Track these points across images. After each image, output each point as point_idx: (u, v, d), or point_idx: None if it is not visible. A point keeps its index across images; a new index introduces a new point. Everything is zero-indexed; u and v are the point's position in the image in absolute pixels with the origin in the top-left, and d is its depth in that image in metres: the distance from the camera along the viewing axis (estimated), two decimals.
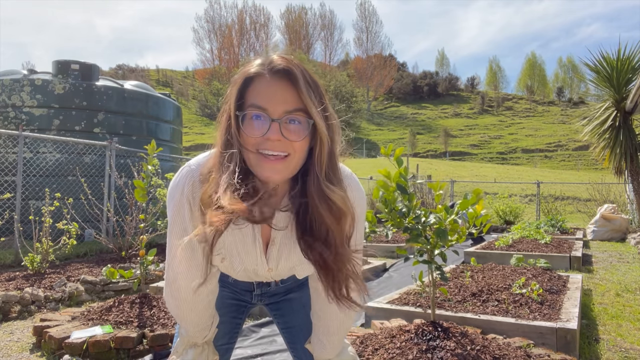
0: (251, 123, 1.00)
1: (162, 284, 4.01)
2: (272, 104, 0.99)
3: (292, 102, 0.99)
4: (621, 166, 7.45)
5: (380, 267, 5.69)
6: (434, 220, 2.35)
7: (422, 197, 11.40)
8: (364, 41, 77.85)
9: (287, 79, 1.00)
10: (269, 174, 1.01)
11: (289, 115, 0.99)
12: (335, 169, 1.10)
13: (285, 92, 1.00)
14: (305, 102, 0.99)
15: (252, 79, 1.02)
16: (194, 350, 1.30)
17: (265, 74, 1.01)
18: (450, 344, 2.24)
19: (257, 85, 1.01)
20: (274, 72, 1.00)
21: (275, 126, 0.98)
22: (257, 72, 1.01)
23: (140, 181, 3.10)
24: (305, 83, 1.00)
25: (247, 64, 1.06)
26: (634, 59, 7.35)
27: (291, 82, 1.00)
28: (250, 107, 1.00)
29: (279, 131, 0.98)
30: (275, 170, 1.00)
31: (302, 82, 0.99)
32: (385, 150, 2.29)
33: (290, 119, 1.00)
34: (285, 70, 1.00)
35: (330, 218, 1.07)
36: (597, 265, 6.05)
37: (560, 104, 74.08)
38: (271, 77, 1.00)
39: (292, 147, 1.00)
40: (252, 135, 1.00)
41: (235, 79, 1.06)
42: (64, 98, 7.46)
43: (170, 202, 1.14)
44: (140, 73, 71.15)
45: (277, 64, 1.01)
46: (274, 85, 1.00)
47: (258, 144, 1.00)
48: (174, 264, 1.17)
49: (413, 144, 56.57)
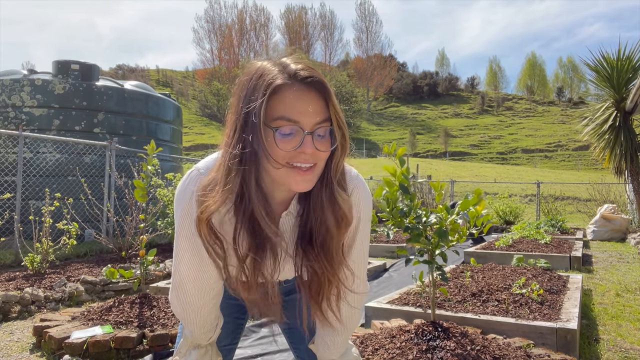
0: (283, 136, 0.97)
1: (162, 284, 4.01)
2: (304, 117, 0.97)
3: (321, 113, 0.99)
4: (621, 166, 7.45)
5: (380, 267, 5.69)
6: (435, 220, 2.35)
7: (422, 197, 11.41)
8: (363, 41, 77.89)
9: (314, 89, 0.98)
10: (303, 184, 1.01)
11: (319, 127, 0.99)
12: (343, 173, 1.11)
13: (315, 103, 0.98)
14: (334, 112, 0.99)
15: (279, 89, 0.97)
16: (197, 352, 1.30)
17: (293, 85, 0.97)
18: (450, 344, 2.24)
19: (285, 96, 0.97)
20: (302, 82, 0.98)
21: (308, 139, 0.97)
22: (284, 82, 0.97)
23: (140, 181, 3.10)
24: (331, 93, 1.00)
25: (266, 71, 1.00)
26: (634, 59, 7.35)
27: (319, 92, 0.99)
28: (279, 120, 0.97)
29: (312, 144, 0.97)
30: (307, 180, 1.01)
31: (329, 92, 0.99)
32: (388, 149, 2.29)
33: (320, 130, 0.99)
34: (312, 81, 0.98)
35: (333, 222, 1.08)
36: (597, 265, 6.05)
37: (560, 104, 74.10)
38: (300, 87, 0.98)
39: (319, 157, 1.01)
40: (285, 149, 0.97)
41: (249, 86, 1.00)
42: (64, 98, 7.46)
43: (178, 206, 1.13)
44: (140, 73, 71.15)
45: (303, 74, 0.98)
46: (304, 96, 0.97)
47: (290, 157, 0.98)
48: (181, 267, 1.17)
49: (413, 144, 56.57)
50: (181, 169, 9.22)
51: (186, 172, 1.16)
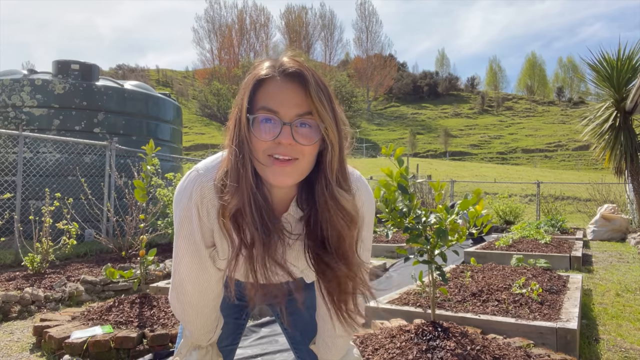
0: (262, 126, 0.99)
1: (162, 284, 4.01)
2: (283, 107, 0.97)
3: (303, 105, 0.98)
4: (621, 166, 7.45)
5: (380, 267, 5.69)
6: (435, 220, 2.35)
7: (422, 197, 11.41)
8: (363, 41, 77.85)
9: (298, 81, 0.98)
10: (280, 177, 0.99)
11: (300, 119, 0.98)
12: (345, 174, 1.09)
13: (297, 95, 0.98)
14: (316, 105, 0.97)
15: (263, 82, 1.00)
16: (197, 352, 1.30)
17: (277, 77, 0.99)
18: (450, 344, 2.24)
19: (268, 88, 1.00)
20: (285, 74, 0.99)
21: (286, 130, 0.97)
22: (268, 74, 0.99)
23: (140, 181, 3.10)
24: (317, 86, 0.99)
25: (256, 66, 1.04)
26: (634, 59, 7.35)
27: (302, 85, 0.98)
28: (260, 110, 0.99)
29: (291, 135, 0.97)
30: (285, 172, 0.99)
31: (313, 85, 0.98)
32: (386, 150, 2.29)
33: (302, 123, 0.98)
34: (296, 73, 0.98)
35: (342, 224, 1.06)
36: (597, 265, 6.05)
37: (560, 104, 74.07)
38: (282, 79, 0.99)
39: (302, 151, 0.99)
40: (263, 138, 0.98)
41: (245, 81, 1.04)
42: (64, 98, 7.46)
43: (177, 206, 1.13)
44: (140, 73, 71.13)
45: (288, 66, 0.99)
46: (285, 88, 0.98)
47: (269, 148, 0.99)
48: (180, 268, 1.17)
49: (413, 144, 56.54)
50: (181, 169, 9.22)
51: (186, 173, 1.16)
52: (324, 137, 1.01)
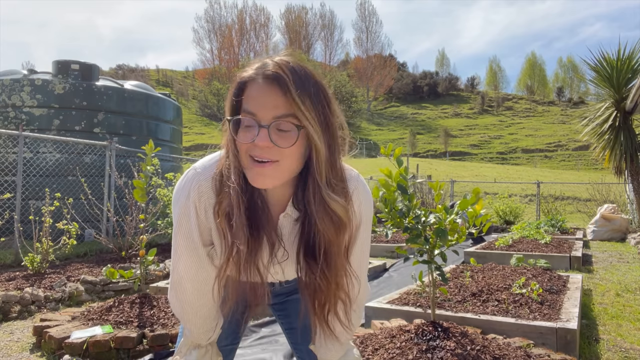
0: (242, 128, 1.00)
1: (162, 284, 4.01)
2: (261, 110, 0.98)
3: (282, 107, 0.97)
4: (621, 166, 7.44)
5: (380, 267, 5.69)
6: (434, 220, 2.35)
7: (422, 197, 11.41)
8: (363, 41, 77.86)
9: (277, 83, 0.98)
10: (258, 177, 1.00)
11: (278, 121, 0.97)
12: (338, 176, 1.08)
13: (276, 98, 0.97)
14: (294, 107, 0.97)
15: (246, 84, 1.01)
16: (197, 351, 1.30)
17: (257, 79, 0.99)
18: (450, 344, 2.24)
19: (250, 90, 1.00)
20: (265, 76, 0.99)
21: (263, 132, 0.97)
22: (250, 76, 1.00)
23: (139, 181, 3.10)
24: (298, 87, 0.97)
25: (245, 67, 1.06)
26: (634, 59, 7.35)
27: (281, 87, 0.97)
28: (242, 112, 1.00)
29: (268, 137, 0.97)
30: (263, 174, 1.00)
31: (292, 87, 0.97)
32: (385, 150, 2.29)
33: (279, 125, 0.98)
34: (275, 75, 0.98)
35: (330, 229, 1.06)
36: (597, 265, 6.05)
37: (560, 104, 74.07)
38: (262, 81, 0.99)
39: (281, 153, 0.99)
40: (242, 140, 1.00)
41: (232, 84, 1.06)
42: (64, 98, 7.46)
43: (176, 205, 1.14)
44: (140, 73, 71.13)
45: (268, 68, 0.99)
46: (264, 90, 0.98)
47: (249, 149, 1.00)
48: (179, 266, 1.18)
49: (413, 144, 56.55)
50: (181, 169, 9.22)
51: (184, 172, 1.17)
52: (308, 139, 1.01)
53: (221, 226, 1.07)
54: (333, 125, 1.04)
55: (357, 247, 1.21)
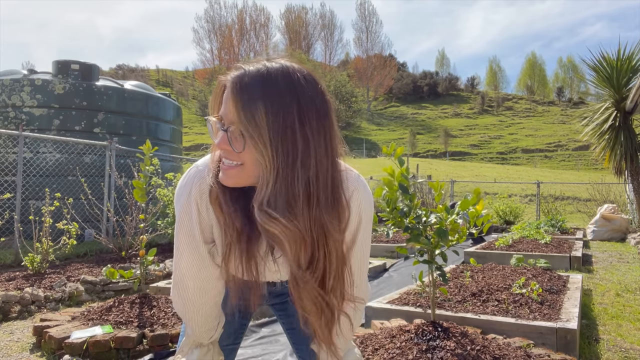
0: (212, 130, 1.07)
1: (162, 284, 4.01)
2: (224, 113, 1.02)
3: (231, 115, 1.01)
4: (621, 166, 7.45)
5: (380, 267, 5.69)
6: (435, 220, 2.35)
7: (422, 197, 11.41)
8: (363, 41, 77.81)
9: (231, 92, 1.01)
10: (223, 178, 1.05)
11: (232, 127, 1.00)
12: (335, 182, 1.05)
13: (230, 103, 1.01)
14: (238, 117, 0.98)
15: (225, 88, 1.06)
16: (199, 350, 1.30)
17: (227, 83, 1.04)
18: (450, 344, 2.24)
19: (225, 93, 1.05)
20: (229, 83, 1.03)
21: (222, 135, 1.01)
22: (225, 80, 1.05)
23: (139, 181, 3.10)
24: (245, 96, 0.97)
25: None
26: (634, 59, 7.36)
27: (233, 96, 1.00)
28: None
29: (227, 140, 1.00)
30: (227, 175, 1.04)
31: (237, 95, 0.98)
32: (386, 149, 2.29)
33: (232, 131, 1.00)
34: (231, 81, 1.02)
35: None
36: (597, 265, 6.05)
37: (560, 104, 74.07)
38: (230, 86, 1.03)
39: (240, 157, 1.01)
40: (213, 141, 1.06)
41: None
42: (64, 98, 7.46)
43: (178, 203, 1.15)
44: (140, 73, 71.12)
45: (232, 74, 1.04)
46: (227, 95, 1.02)
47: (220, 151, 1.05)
48: (181, 263, 1.18)
49: (413, 144, 56.54)
50: (181, 168, 9.22)
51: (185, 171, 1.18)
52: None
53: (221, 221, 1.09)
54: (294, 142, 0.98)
55: (358, 247, 1.21)
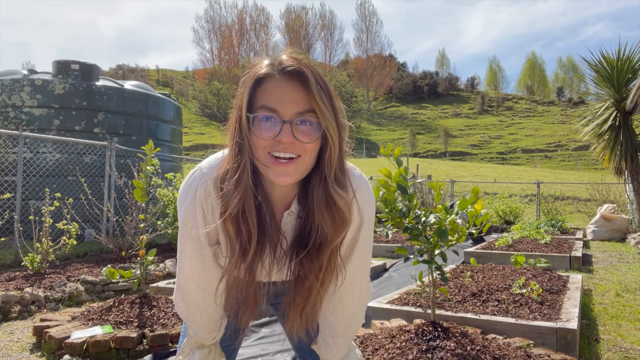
0: (262, 125, 0.99)
1: (162, 284, 4.01)
2: (283, 106, 0.97)
3: (303, 103, 0.98)
4: (621, 166, 7.45)
5: (380, 267, 5.69)
6: (434, 220, 2.35)
7: (422, 197, 11.40)
8: (363, 41, 77.84)
9: (297, 79, 0.98)
10: (281, 177, 1.00)
11: (300, 117, 0.98)
12: (344, 171, 1.08)
13: (296, 93, 0.98)
14: (317, 102, 0.97)
15: (262, 80, 1.00)
16: (201, 352, 1.30)
17: (276, 75, 0.99)
18: (450, 344, 2.24)
19: (267, 86, 1.00)
20: (285, 72, 0.99)
21: (287, 128, 0.97)
22: (267, 72, 0.99)
23: (139, 181, 3.10)
24: (316, 84, 0.98)
25: (255, 64, 1.04)
26: (634, 59, 7.35)
27: (302, 82, 0.98)
28: (260, 109, 0.99)
29: (291, 133, 0.97)
30: (286, 173, 1.00)
31: (313, 82, 0.97)
32: (384, 150, 2.29)
33: (302, 120, 0.98)
34: (296, 71, 0.98)
35: (331, 225, 1.06)
36: (597, 265, 6.05)
37: (560, 104, 74.05)
38: (281, 77, 0.99)
39: (304, 148, 0.99)
40: (263, 137, 0.99)
41: (244, 80, 1.04)
42: (64, 98, 7.46)
43: (182, 205, 1.13)
44: (140, 73, 71.13)
45: (287, 64, 0.99)
46: (285, 86, 0.98)
47: (269, 146, 0.99)
48: (185, 266, 1.17)
49: (413, 144, 56.54)
50: (181, 169, 9.23)
51: (188, 172, 1.16)
52: (325, 134, 1.01)
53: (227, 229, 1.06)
54: (341, 121, 1.05)
55: (360, 246, 1.21)
